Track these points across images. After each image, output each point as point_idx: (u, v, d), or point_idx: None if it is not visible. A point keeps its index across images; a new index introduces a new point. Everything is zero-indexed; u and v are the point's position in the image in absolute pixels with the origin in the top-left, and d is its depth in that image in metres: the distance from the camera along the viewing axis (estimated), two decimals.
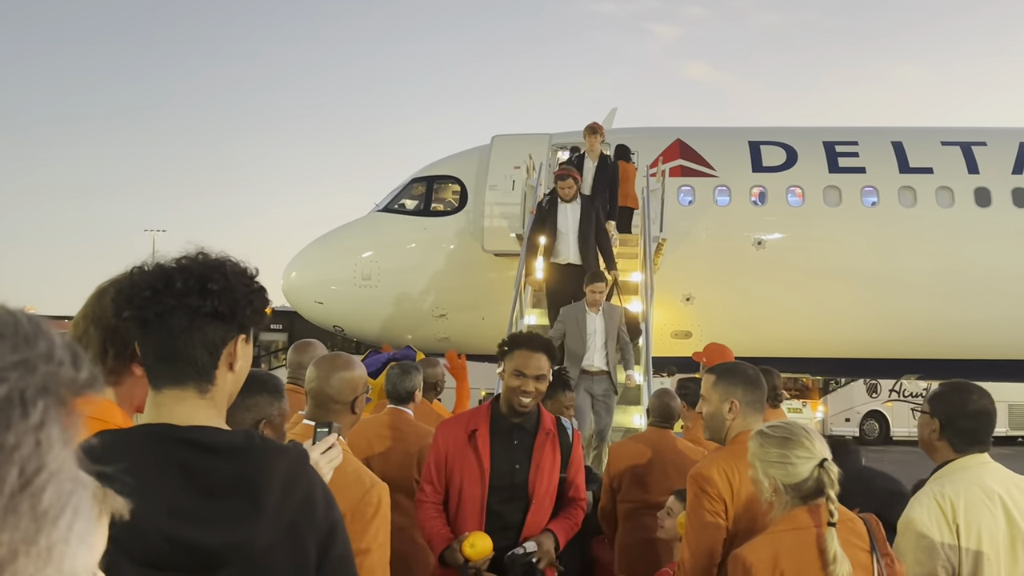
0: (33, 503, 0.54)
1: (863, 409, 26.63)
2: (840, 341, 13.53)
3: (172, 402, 1.62)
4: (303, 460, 1.65)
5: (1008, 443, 24.52)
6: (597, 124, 10.72)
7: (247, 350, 1.70)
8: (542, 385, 3.78)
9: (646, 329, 9.28)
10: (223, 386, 1.65)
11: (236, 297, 1.62)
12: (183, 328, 1.59)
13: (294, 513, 1.57)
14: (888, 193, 13.41)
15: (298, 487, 1.59)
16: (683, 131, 14.46)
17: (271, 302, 1.76)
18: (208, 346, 1.61)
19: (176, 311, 1.58)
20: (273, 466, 1.57)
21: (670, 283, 12.47)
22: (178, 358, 1.61)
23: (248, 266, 1.69)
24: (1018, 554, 2.81)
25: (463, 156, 14.62)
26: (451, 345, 13.82)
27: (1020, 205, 13.26)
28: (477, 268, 13.40)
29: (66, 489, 0.57)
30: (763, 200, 13.59)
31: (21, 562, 0.53)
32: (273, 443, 1.64)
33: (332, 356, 3.10)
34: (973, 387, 3.05)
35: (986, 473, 2.92)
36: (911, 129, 14.85)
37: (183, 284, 1.58)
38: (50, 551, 0.55)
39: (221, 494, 1.52)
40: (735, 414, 3.29)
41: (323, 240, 14.36)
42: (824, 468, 2.60)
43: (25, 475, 0.54)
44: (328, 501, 1.66)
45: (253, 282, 1.68)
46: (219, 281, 1.60)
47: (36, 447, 0.55)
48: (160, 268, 1.61)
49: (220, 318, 1.61)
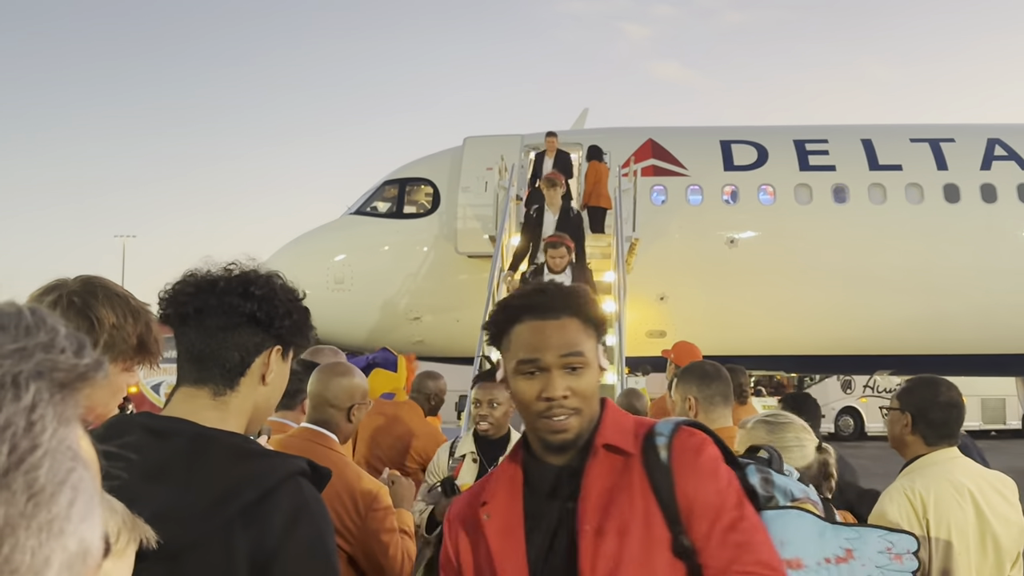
0: (28, 480, 0.56)
1: (837, 405, 26.81)
2: (813, 338, 13.63)
3: (181, 398, 1.62)
4: (271, 472, 1.53)
5: (981, 436, 24.81)
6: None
7: (282, 367, 1.69)
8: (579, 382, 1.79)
9: (619, 328, 9.30)
10: (247, 395, 1.63)
11: (276, 305, 1.63)
12: (219, 327, 1.60)
13: (230, 521, 1.47)
14: (858, 190, 13.52)
15: (243, 496, 1.49)
16: (655, 131, 14.51)
17: (314, 329, 1.76)
18: (241, 349, 1.61)
19: (215, 309, 1.60)
20: (217, 463, 1.50)
21: (644, 282, 12.49)
22: (208, 357, 1.61)
23: (297, 287, 1.73)
24: (987, 548, 2.82)
25: (435, 158, 14.60)
26: (426, 348, 13.79)
27: (989, 201, 13.41)
28: (451, 270, 13.37)
29: (65, 467, 0.58)
30: (735, 199, 13.67)
31: (21, 535, 0.55)
32: (236, 446, 1.56)
33: (333, 364, 3.22)
34: (941, 381, 3.07)
35: (956, 468, 2.93)
36: (880, 127, 14.99)
37: (226, 284, 1.61)
38: (50, 525, 0.56)
39: (150, 478, 1.43)
40: (694, 411, 3.31)
41: (295, 244, 14.28)
42: (824, 449, 2.63)
43: (17, 453, 0.56)
44: (297, 523, 1.52)
45: (297, 299, 1.70)
46: (262, 287, 1.63)
47: (28, 427, 0.57)
48: (208, 271, 1.64)
49: (257, 323, 1.61)
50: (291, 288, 1.70)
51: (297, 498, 1.55)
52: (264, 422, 1.73)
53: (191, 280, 1.63)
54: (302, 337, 1.71)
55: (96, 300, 1.78)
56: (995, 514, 2.85)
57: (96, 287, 1.82)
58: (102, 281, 1.86)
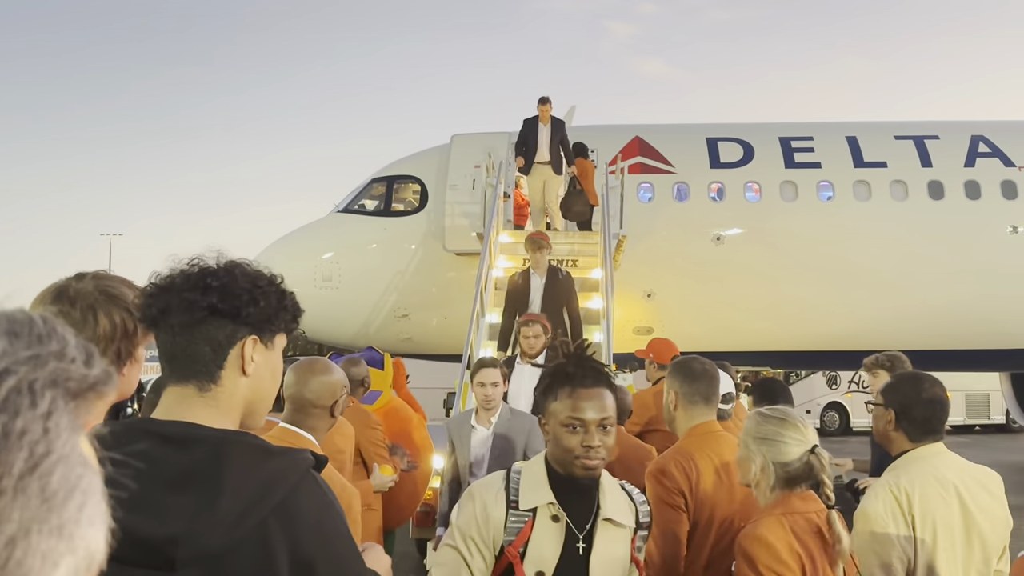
0: (42, 484, 0.57)
1: (823, 401, 26.93)
2: (799, 334, 13.70)
3: (171, 399, 1.61)
4: (292, 467, 1.56)
5: (966, 431, 24.96)
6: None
7: (267, 356, 1.65)
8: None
9: (607, 325, 9.33)
10: (232, 389, 1.61)
11: (236, 292, 1.59)
12: (183, 324, 1.58)
13: (265, 521, 1.49)
14: (843, 187, 13.60)
15: (274, 494, 1.51)
16: (642, 128, 14.55)
17: (300, 311, 1.70)
18: (210, 342, 1.59)
19: (177, 307, 1.58)
20: (241, 466, 1.50)
21: (631, 279, 12.53)
22: (181, 355, 1.60)
23: (265, 270, 1.67)
24: (973, 544, 2.84)
25: (423, 156, 14.59)
26: (414, 345, 13.79)
27: (973, 197, 13.51)
28: (439, 268, 13.38)
29: (75, 473, 0.60)
30: (721, 196, 13.73)
31: (34, 539, 0.56)
32: (253, 445, 1.57)
33: (310, 361, 3.14)
34: (925, 376, 3.08)
35: (941, 463, 2.95)
36: (865, 124, 15.08)
37: (183, 280, 1.59)
38: (61, 529, 0.58)
39: (175, 487, 1.47)
40: (675, 405, 3.35)
41: (283, 241, 14.24)
42: (815, 454, 2.64)
43: (34, 458, 0.57)
44: (323, 514, 1.57)
45: (266, 284, 1.64)
46: (221, 278, 1.59)
47: (44, 433, 0.59)
48: (170, 270, 1.62)
49: (221, 314, 1.58)
50: (257, 274, 1.64)
51: (318, 491, 1.59)
52: (262, 416, 1.69)
53: (155, 282, 1.61)
54: (280, 322, 1.66)
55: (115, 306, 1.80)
56: (980, 509, 2.87)
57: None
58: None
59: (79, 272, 1.91)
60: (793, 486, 2.65)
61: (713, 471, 3.16)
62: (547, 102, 11.71)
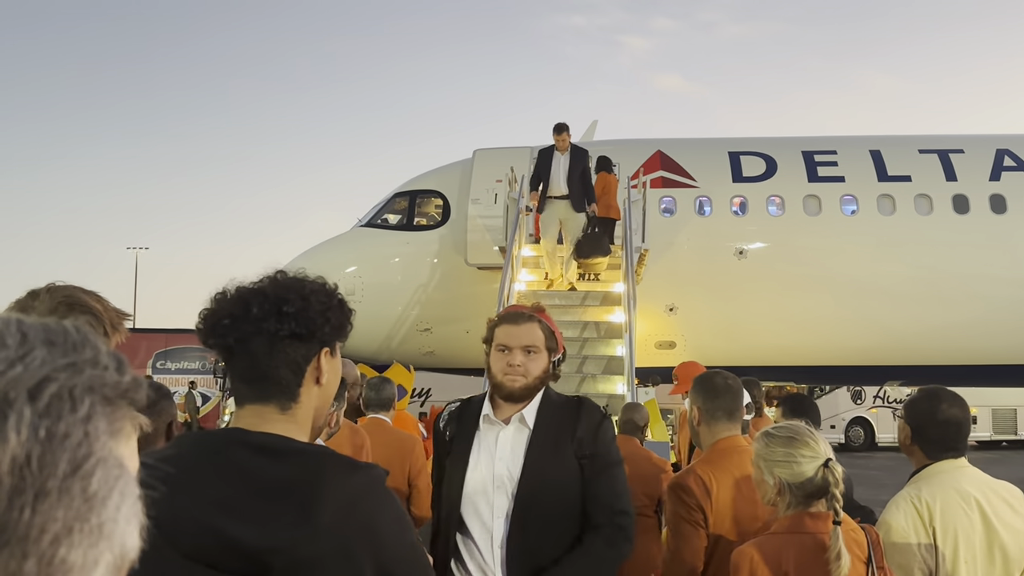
0: (84, 485, 0.61)
1: (848, 416, 26.76)
2: (823, 349, 13.60)
3: (251, 415, 1.66)
4: (375, 482, 1.62)
5: (992, 447, 24.66)
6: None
7: (333, 363, 1.72)
8: None
9: (629, 339, 9.33)
10: (307, 402, 1.68)
11: (312, 316, 1.65)
12: (264, 352, 1.63)
13: (352, 533, 1.54)
14: (867, 201, 13.51)
15: (360, 508, 1.56)
16: (663, 142, 14.54)
17: (352, 312, 1.78)
18: (291, 366, 1.65)
19: (255, 337, 1.62)
20: (333, 479, 1.55)
21: (653, 293, 12.52)
22: (262, 379, 1.65)
23: (326, 282, 1.74)
24: (995, 557, 2.84)
25: (445, 170, 14.66)
26: (436, 359, 13.84)
27: (998, 211, 13.38)
28: (461, 282, 13.41)
29: (113, 474, 0.64)
30: (744, 210, 13.67)
31: (76, 537, 0.60)
32: (341, 459, 1.63)
33: None
34: (945, 395, 3.06)
35: (963, 477, 2.95)
36: (889, 138, 14.97)
37: (259, 309, 1.63)
38: (101, 528, 0.61)
39: (273, 497, 1.52)
40: (698, 421, 3.36)
41: (306, 256, 14.33)
42: (829, 468, 2.65)
43: (75, 460, 0.61)
44: (400, 527, 1.65)
45: (330, 299, 1.71)
46: (295, 303, 1.64)
47: (85, 436, 0.62)
48: (237, 294, 1.66)
49: (299, 338, 1.64)
50: (324, 290, 1.71)
51: (395, 504, 1.66)
52: (324, 415, 1.76)
53: (224, 309, 1.65)
54: (344, 331, 1.74)
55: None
56: (1002, 523, 2.86)
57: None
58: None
59: (32, 290, 1.96)
60: (811, 502, 2.66)
61: (734, 486, 3.14)
62: (564, 130, 10.92)
